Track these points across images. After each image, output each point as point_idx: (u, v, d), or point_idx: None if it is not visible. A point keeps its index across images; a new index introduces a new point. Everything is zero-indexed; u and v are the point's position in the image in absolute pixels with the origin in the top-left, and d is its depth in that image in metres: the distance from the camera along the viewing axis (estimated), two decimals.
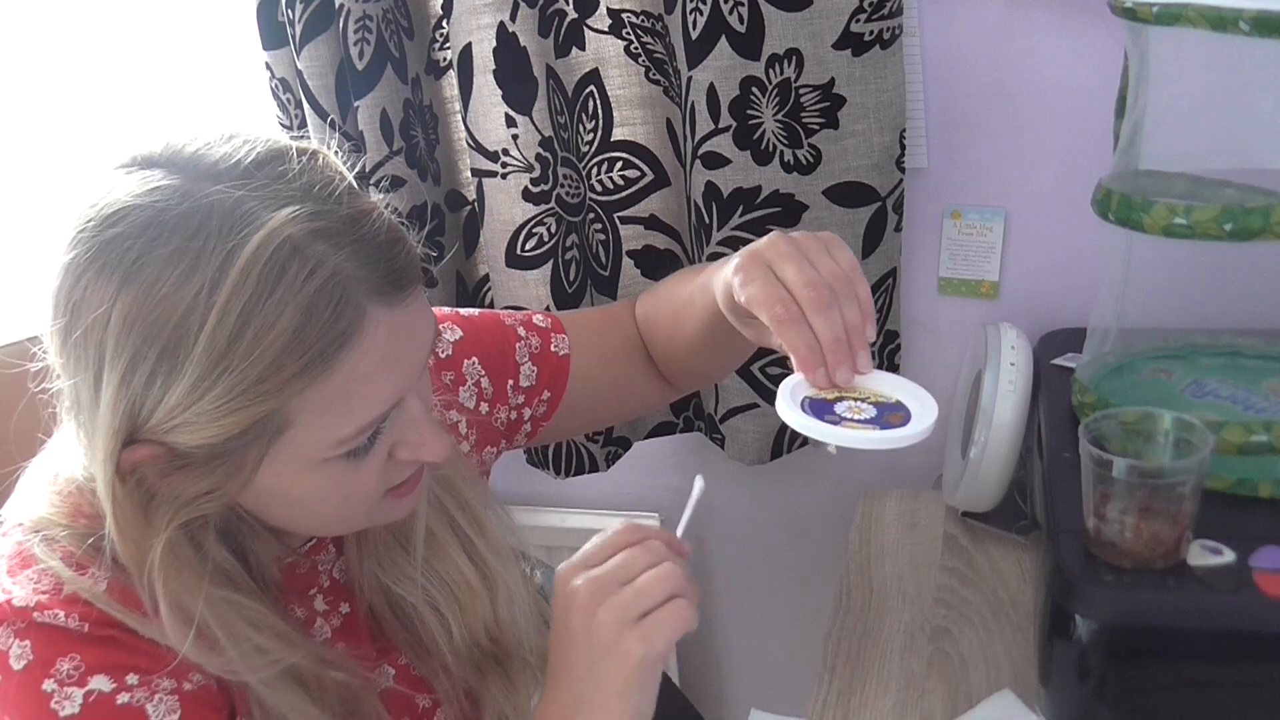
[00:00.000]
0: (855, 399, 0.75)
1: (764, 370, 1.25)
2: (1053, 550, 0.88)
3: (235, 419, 0.62)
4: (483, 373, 0.92)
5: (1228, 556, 0.83)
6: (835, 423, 0.72)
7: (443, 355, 0.90)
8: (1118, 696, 0.85)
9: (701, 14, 1.10)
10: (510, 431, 0.95)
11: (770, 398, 1.27)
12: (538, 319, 0.97)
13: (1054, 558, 0.87)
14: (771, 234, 0.78)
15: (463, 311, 0.95)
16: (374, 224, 0.65)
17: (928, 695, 0.97)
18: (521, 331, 0.95)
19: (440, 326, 0.91)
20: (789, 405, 0.74)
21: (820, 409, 0.74)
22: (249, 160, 0.64)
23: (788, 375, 0.76)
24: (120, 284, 0.61)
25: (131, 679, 0.66)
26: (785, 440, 1.30)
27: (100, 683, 0.65)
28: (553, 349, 0.96)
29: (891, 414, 0.74)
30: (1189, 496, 0.82)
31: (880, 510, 1.25)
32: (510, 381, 0.93)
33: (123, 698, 0.65)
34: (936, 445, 1.32)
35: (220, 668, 0.68)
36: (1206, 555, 0.84)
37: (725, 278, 0.79)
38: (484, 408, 0.92)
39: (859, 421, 0.73)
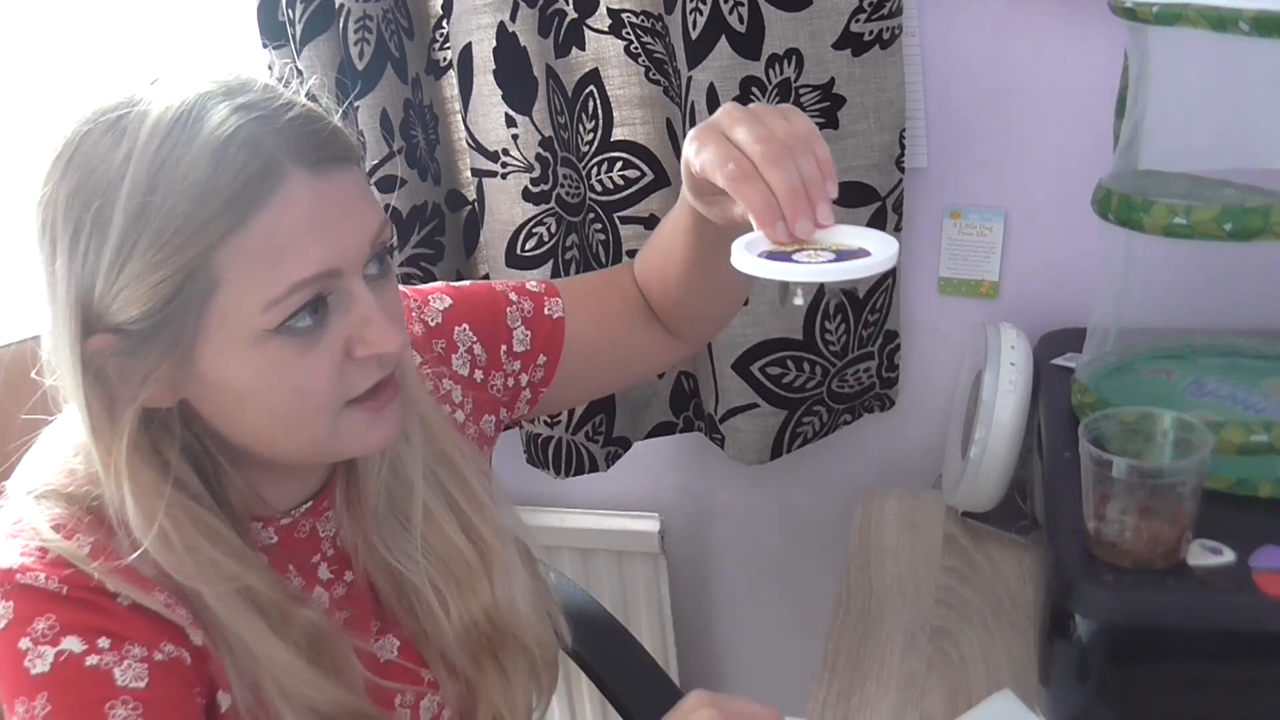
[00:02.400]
0: (816, 249, 0.72)
1: (764, 370, 1.25)
2: (1053, 550, 0.88)
3: (161, 276, 0.64)
4: (475, 339, 0.92)
5: (1228, 556, 0.83)
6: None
7: (432, 323, 0.90)
8: (1118, 696, 0.85)
9: (701, 14, 1.10)
10: (509, 399, 0.95)
11: (771, 398, 1.27)
12: (531, 284, 0.97)
13: (1054, 558, 0.87)
14: (725, 104, 0.77)
15: (453, 283, 0.96)
16: (294, 102, 0.68)
17: (928, 695, 0.98)
18: (513, 296, 0.95)
19: (430, 296, 0.92)
20: (742, 253, 0.71)
21: (776, 259, 0.71)
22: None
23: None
24: (65, 164, 0.65)
25: (103, 642, 0.67)
26: (785, 440, 1.30)
27: (72, 643, 0.66)
28: (546, 312, 0.95)
29: (852, 257, 0.71)
30: (1189, 496, 0.82)
31: (880, 510, 1.25)
32: (503, 347, 0.93)
33: (92, 660, 0.67)
34: (936, 445, 1.32)
35: (177, 569, 0.69)
36: (1206, 555, 0.84)
37: (684, 157, 0.78)
38: (479, 375, 0.92)
39: (816, 264, 0.70)
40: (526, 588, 0.86)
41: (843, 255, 0.71)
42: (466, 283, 0.96)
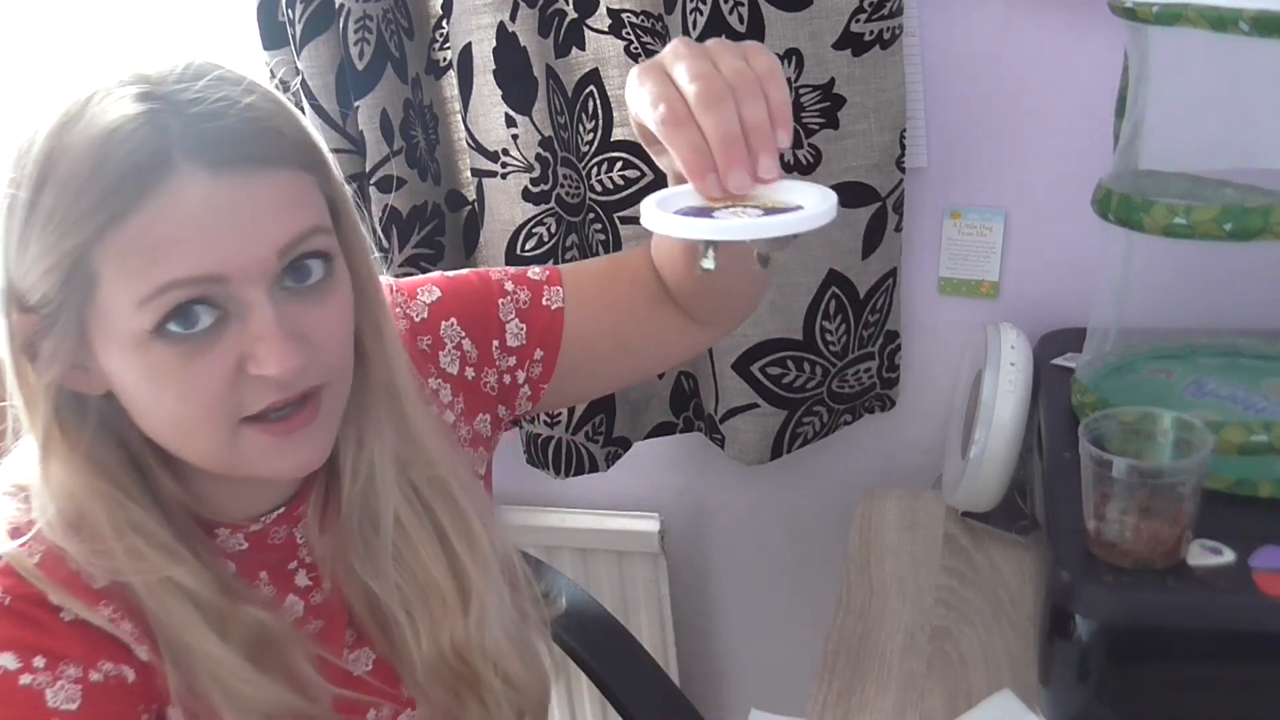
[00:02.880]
0: (749, 206, 0.62)
1: (764, 370, 1.25)
2: (1053, 550, 0.88)
3: (50, 263, 0.62)
4: (463, 334, 0.87)
5: (1228, 556, 0.83)
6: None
7: (417, 319, 0.86)
8: (1118, 696, 0.85)
9: (701, 14, 1.10)
10: (506, 397, 0.90)
11: (771, 398, 1.27)
12: (533, 272, 0.91)
13: (1054, 558, 0.87)
14: (676, 38, 0.69)
15: (449, 273, 0.90)
16: (206, 96, 0.63)
17: (928, 695, 0.98)
18: (509, 286, 0.89)
19: (419, 289, 0.88)
20: (652, 208, 0.63)
21: (697, 215, 0.62)
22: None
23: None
24: (7, 151, 0.64)
25: (39, 661, 0.66)
26: (785, 440, 1.30)
27: (7, 660, 0.65)
28: (544, 302, 0.89)
29: (784, 214, 0.62)
30: (1189, 496, 0.82)
31: (880, 510, 1.25)
32: (495, 342, 0.88)
33: (25, 679, 0.65)
34: (936, 445, 1.32)
35: (99, 562, 0.67)
36: (1206, 555, 0.84)
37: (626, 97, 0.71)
38: (469, 373, 0.87)
39: (730, 221, 0.61)
40: (510, 626, 0.82)
41: (774, 211, 0.62)
42: (464, 271, 0.91)
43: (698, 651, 1.63)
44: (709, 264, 0.64)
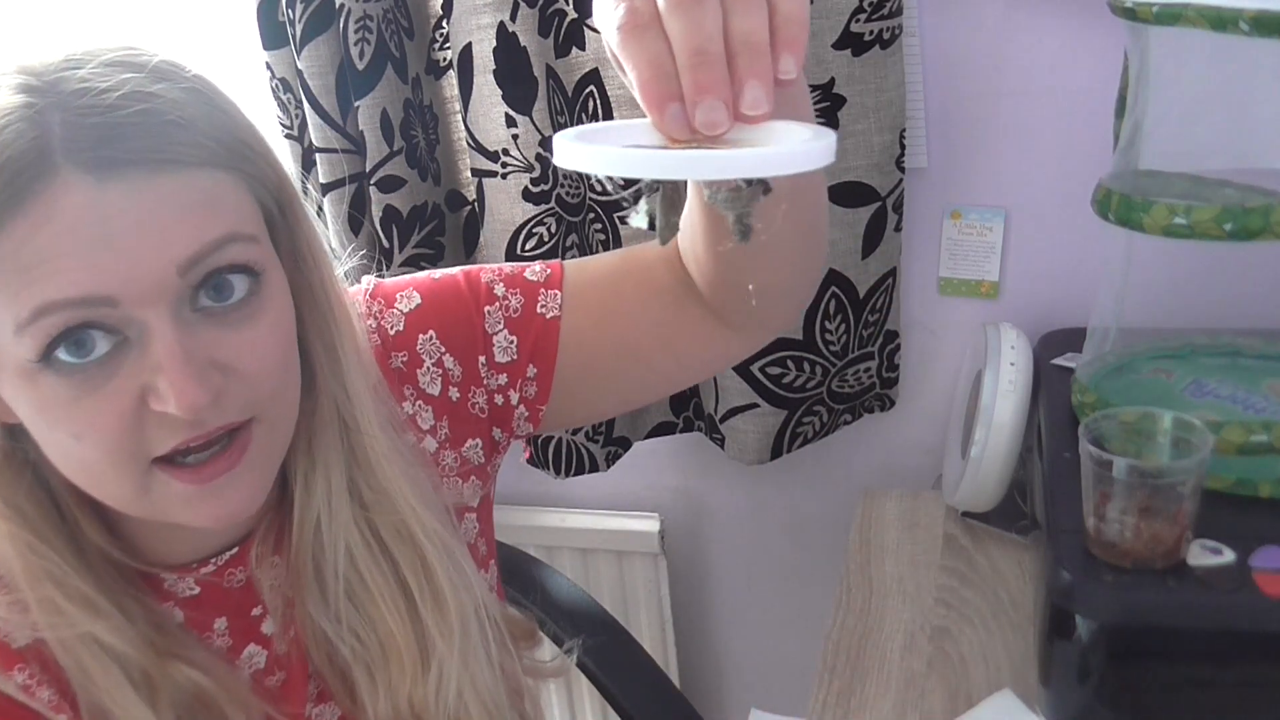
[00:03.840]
0: (721, 150, 0.44)
1: (764, 370, 1.25)
2: (1053, 550, 0.88)
3: None
4: (444, 350, 0.76)
5: (1228, 556, 0.83)
6: None
7: (392, 332, 0.75)
8: (1118, 696, 0.85)
9: None
10: (499, 419, 0.79)
11: (771, 398, 1.27)
12: (531, 271, 0.78)
13: (1054, 558, 0.87)
14: None
15: (436, 273, 0.79)
16: (92, 87, 0.54)
17: (928, 695, 0.98)
18: (500, 290, 0.77)
19: (398, 295, 0.77)
20: (569, 139, 0.45)
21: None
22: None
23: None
24: None
25: None
26: (785, 440, 1.30)
27: None
28: (539, 309, 0.76)
29: (752, 151, 0.45)
30: (1189, 496, 0.82)
31: (880, 510, 1.25)
32: (481, 358, 0.76)
33: None
34: (936, 445, 1.32)
35: (25, 625, 0.61)
36: (1206, 555, 0.84)
37: None
38: (454, 393, 0.76)
39: (666, 156, 0.44)
40: (484, 694, 0.74)
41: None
42: (453, 270, 0.79)
43: (698, 651, 1.63)
44: (639, 220, 0.50)
